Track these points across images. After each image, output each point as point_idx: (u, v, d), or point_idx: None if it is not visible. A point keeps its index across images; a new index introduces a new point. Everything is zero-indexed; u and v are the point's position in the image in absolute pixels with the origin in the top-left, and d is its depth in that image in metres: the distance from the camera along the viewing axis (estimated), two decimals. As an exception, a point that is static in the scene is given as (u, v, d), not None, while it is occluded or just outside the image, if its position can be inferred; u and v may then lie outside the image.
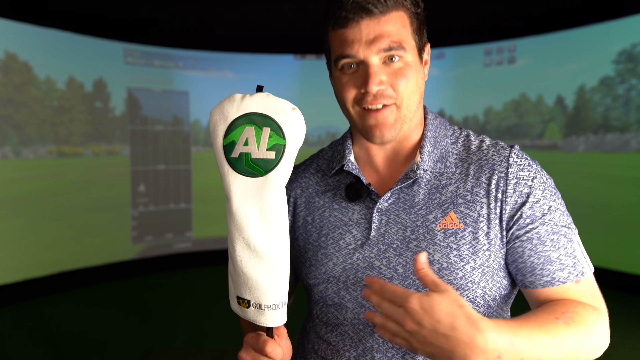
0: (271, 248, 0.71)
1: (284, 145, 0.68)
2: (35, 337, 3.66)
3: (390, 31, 0.78)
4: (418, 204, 0.84)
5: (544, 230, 0.80)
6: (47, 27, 4.66)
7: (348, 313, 0.85)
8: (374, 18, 0.78)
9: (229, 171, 0.70)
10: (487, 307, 0.83)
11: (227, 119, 0.69)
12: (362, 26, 0.78)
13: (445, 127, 0.91)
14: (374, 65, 0.79)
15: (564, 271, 0.80)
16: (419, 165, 0.84)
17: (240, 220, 0.70)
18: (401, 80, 0.80)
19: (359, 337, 0.84)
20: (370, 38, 0.78)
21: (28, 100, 4.62)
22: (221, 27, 5.66)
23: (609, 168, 4.87)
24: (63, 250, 4.80)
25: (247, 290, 0.73)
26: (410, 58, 0.81)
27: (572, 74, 5.06)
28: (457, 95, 5.91)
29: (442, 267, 0.80)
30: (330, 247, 0.88)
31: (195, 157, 5.84)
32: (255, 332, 0.78)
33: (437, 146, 0.87)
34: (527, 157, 0.85)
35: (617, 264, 4.57)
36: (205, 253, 5.81)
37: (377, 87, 0.79)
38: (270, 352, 0.74)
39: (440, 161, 0.86)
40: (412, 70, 0.81)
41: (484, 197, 0.82)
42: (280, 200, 0.70)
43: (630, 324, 3.78)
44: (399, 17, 0.79)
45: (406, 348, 0.67)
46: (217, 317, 4.03)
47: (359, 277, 0.84)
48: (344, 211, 0.89)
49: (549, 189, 0.83)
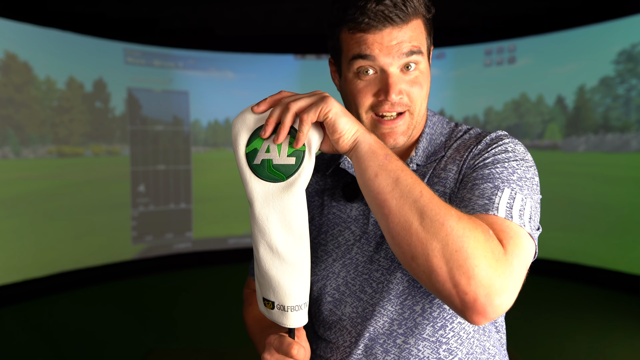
0: (292, 251, 0.73)
1: (304, 151, 0.71)
2: (35, 337, 3.66)
3: (411, 37, 0.79)
4: None
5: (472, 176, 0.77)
6: (47, 27, 4.66)
7: (347, 308, 0.85)
8: (397, 27, 0.78)
9: (251, 177, 0.72)
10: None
11: (249, 128, 0.72)
12: (384, 33, 0.78)
13: (442, 125, 0.92)
14: (394, 75, 0.79)
15: (468, 207, 0.71)
16: (412, 159, 0.86)
17: (263, 224, 0.73)
18: (416, 88, 0.81)
19: (357, 331, 0.84)
20: (392, 44, 0.78)
21: (28, 100, 4.62)
22: (221, 27, 5.66)
23: (609, 168, 4.87)
24: (63, 250, 4.80)
25: (271, 291, 0.75)
26: (423, 65, 0.82)
27: (572, 74, 5.06)
28: (457, 95, 5.91)
29: None
30: (329, 244, 0.89)
31: (195, 157, 5.83)
32: (277, 334, 0.78)
33: (431, 143, 0.89)
34: (507, 135, 0.83)
35: (617, 264, 4.56)
36: (205, 253, 5.81)
37: (397, 96, 0.80)
38: (295, 354, 0.74)
39: (433, 155, 0.87)
40: (425, 78, 0.83)
41: (452, 170, 0.83)
42: (301, 204, 0.72)
43: (630, 324, 3.78)
44: (418, 25, 0.80)
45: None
46: (217, 317, 4.03)
47: (359, 271, 0.85)
48: (342, 209, 0.90)
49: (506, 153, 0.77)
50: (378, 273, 0.83)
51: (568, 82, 5.10)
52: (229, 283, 4.99)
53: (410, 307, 0.81)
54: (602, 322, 3.84)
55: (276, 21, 5.44)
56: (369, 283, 0.84)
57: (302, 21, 5.33)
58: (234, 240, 5.94)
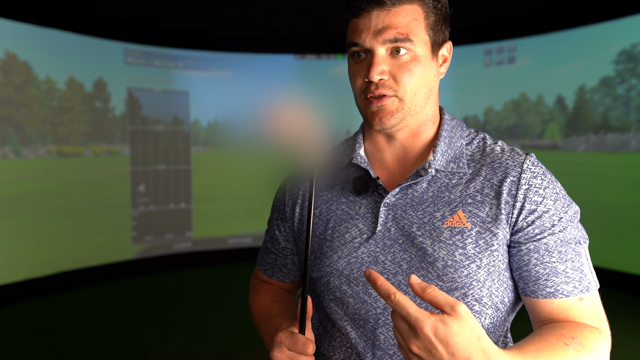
0: None
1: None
2: (35, 337, 3.66)
3: (399, 23, 0.78)
4: (426, 201, 0.83)
5: (552, 241, 0.79)
6: (47, 27, 4.66)
7: (349, 309, 0.85)
8: (385, 9, 0.79)
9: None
10: (494, 309, 0.82)
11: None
12: (372, 16, 0.79)
13: (461, 128, 0.91)
14: (378, 55, 0.79)
15: (569, 284, 0.79)
16: (431, 164, 0.83)
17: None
18: (405, 73, 0.80)
19: (358, 333, 0.83)
20: (379, 28, 0.79)
21: (28, 100, 4.62)
22: (221, 27, 5.66)
23: (609, 168, 4.87)
24: (63, 250, 4.80)
25: None
26: (420, 52, 0.81)
27: (572, 74, 5.06)
28: (457, 95, 5.91)
29: (446, 264, 0.79)
30: (335, 240, 0.87)
31: (195, 157, 5.83)
32: (287, 331, 0.76)
33: (451, 146, 0.87)
34: (542, 166, 0.84)
35: (617, 264, 4.57)
36: (205, 253, 5.81)
37: (378, 76, 0.79)
38: (311, 353, 0.74)
39: (453, 161, 0.85)
40: (419, 65, 0.81)
41: (494, 199, 0.81)
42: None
43: (630, 324, 3.78)
44: (412, 10, 0.80)
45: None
46: (217, 317, 4.03)
47: (363, 272, 0.84)
48: (352, 205, 0.88)
49: (561, 200, 0.81)
50: (383, 277, 0.83)
51: (568, 82, 5.10)
52: (229, 283, 4.99)
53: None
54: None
55: (276, 21, 5.44)
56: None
57: (302, 21, 5.33)
58: (234, 240, 5.94)
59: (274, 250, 1.03)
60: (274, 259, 1.03)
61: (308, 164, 0.74)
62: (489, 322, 0.82)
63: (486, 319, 0.81)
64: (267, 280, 1.07)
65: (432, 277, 0.80)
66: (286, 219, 0.98)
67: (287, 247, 1.00)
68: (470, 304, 0.80)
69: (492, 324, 0.83)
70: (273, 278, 1.05)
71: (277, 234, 1.01)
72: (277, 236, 1.01)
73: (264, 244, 1.06)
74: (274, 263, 1.04)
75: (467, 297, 0.79)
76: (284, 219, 0.99)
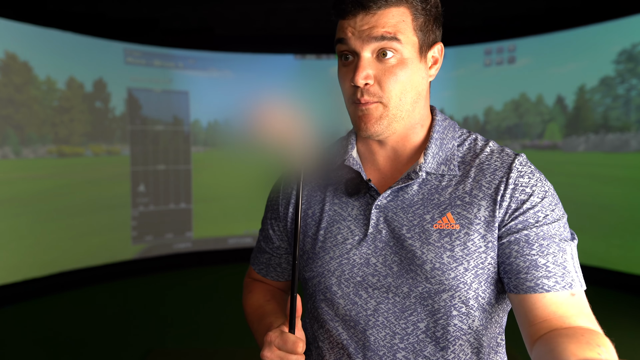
0: None
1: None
2: (35, 337, 3.67)
3: (385, 23, 0.77)
4: (416, 204, 0.83)
5: (533, 234, 0.78)
6: (47, 27, 4.66)
7: (340, 310, 0.85)
8: (370, 13, 0.78)
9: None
10: (482, 311, 0.82)
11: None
12: (357, 18, 0.78)
13: (453, 129, 0.89)
14: (364, 59, 0.78)
15: (550, 279, 0.76)
16: (422, 167, 0.83)
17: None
18: (390, 78, 0.78)
19: (349, 334, 0.84)
20: (364, 28, 0.78)
21: (28, 100, 4.62)
22: (221, 27, 5.67)
23: (609, 168, 4.87)
24: (63, 250, 4.80)
25: None
26: (407, 54, 0.79)
27: (572, 74, 5.06)
28: (457, 95, 5.90)
29: (434, 267, 0.79)
30: (327, 241, 0.87)
31: (195, 157, 5.84)
32: (277, 330, 0.77)
33: (442, 148, 0.86)
34: (530, 165, 0.84)
35: (617, 264, 4.56)
36: (205, 253, 5.81)
37: (363, 80, 0.78)
38: (301, 352, 0.74)
39: (444, 163, 0.84)
40: (405, 69, 0.79)
41: (482, 200, 0.81)
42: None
43: (630, 324, 3.78)
44: (399, 12, 0.78)
45: None
46: (217, 317, 4.03)
47: (354, 273, 0.84)
48: (344, 206, 0.88)
49: (548, 199, 0.81)
50: (374, 279, 0.83)
51: (568, 82, 5.10)
52: (229, 283, 4.99)
53: (414, 323, 0.81)
54: (601, 322, 3.81)
55: (276, 21, 5.44)
56: (363, 287, 0.83)
57: (302, 21, 5.33)
58: (234, 240, 5.94)
59: (268, 249, 1.03)
60: (267, 258, 1.04)
61: (295, 165, 0.74)
62: (478, 323, 0.82)
63: (475, 320, 0.82)
64: (261, 279, 1.07)
65: (421, 279, 0.80)
66: (280, 218, 0.99)
67: (281, 246, 1.01)
68: (457, 306, 0.80)
69: (482, 326, 0.83)
70: (267, 277, 1.05)
71: (271, 233, 1.01)
72: (271, 235, 1.01)
73: (258, 243, 1.06)
74: (267, 262, 1.04)
75: (454, 299, 0.80)
76: (277, 218, 0.99)
